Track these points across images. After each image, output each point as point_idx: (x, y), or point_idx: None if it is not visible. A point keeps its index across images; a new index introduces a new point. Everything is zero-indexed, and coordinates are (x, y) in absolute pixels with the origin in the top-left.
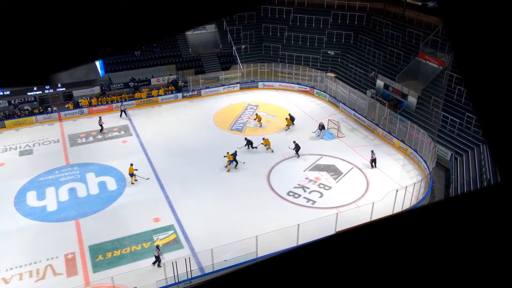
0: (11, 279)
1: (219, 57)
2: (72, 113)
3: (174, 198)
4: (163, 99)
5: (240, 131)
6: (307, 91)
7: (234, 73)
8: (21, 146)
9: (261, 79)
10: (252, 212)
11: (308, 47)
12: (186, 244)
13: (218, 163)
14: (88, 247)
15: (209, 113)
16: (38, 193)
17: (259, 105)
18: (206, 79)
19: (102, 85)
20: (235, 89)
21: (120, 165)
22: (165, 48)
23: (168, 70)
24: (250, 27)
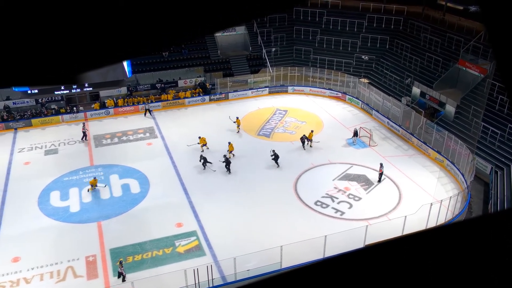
0: (32, 279)
1: (248, 60)
2: (98, 113)
3: (197, 203)
4: (190, 102)
5: (268, 136)
6: (338, 97)
7: (263, 76)
8: (47, 145)
9: (291, 83)
10: (277, 221)
11: (341, 51)
12: (209, 251)
13: (244, 169)
14: (109, 250)
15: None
16: (61, 193)
17: (288, 110)
18: (234, 82)
19: (129, 86)
20: (263, 93)
21: (144, 167)
22: (193, 49)
23: (196, 72)
24: (281, 29)
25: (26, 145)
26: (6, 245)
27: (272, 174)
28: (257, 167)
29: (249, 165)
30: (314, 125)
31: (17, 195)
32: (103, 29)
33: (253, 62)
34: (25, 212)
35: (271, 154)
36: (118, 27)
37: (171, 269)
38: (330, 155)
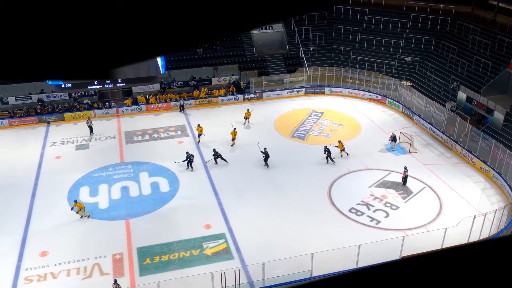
0: (59, 274)
1: (285, 59)
2: (130, 109)
3: (227, 205)
4: (223, 100)
5: (302, 139)
6: (378, 100)
7: (300, 76)
8: (78, 140)
9: (328, 84)
10: (309, 227)
11: (382, 52)
12: (237, 255)
13: (277, 171)
14: (137, 249)
15: (271, 118)
16: (91, 189)
17: (324, 112)
18: (269, 82)
19: (162, 83)
20: (299, 93)
21: (175, 166)
22: (228, 46)
23: (231, 70)
24: (320, 28)
25: (58, 139)
26: (35, 239)
27: (306, 178)
28: (290, 170)
29: (282, 168)
30: (351, 129)
31: (47, 189)
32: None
33: (290, 61)
34: (54, 207)
35: (262, 151)
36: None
37: (198, 271)
38: (367, 161)
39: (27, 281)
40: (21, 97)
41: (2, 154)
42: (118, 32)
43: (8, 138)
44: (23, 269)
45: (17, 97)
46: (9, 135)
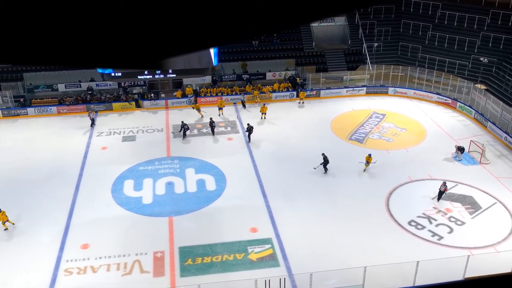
0: (99, 268)
1: (346, 55)
2: (179, 102)
3: (275, 208)
4: (277, 97)
5: (361, 142)
6: (447, 104)
7: (362, 74)
8: (125, 131)
9: (392, 84)
10: (363, 238)
11: (455, 51)
12: (283, 262)
13: (331, 176)
14: (179, 249)
15: (327, 118)
16: (135, 183)
17: (386, 114)
18: (328, 79)
19: (214, 75)
20: (360, 93)
21: (222, 164)
22: (286, 39)
23: (287, 64)
24: (386, 22)
25: (105, 129)
26: (77, 231)
27: (362, 185)
28: (346, 175)
29: (337, 172)
30: (415, 134)
31: (92, 180)
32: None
33: (351, 57)
34: (98, 199)
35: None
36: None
37: (241, 276)
38: (431, 170)
39: (67, 273)
40: (71, 84)
41: (50, 142)
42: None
43: (56, 126)
44: (64, 261)
45: (66, 84)
46: (57, 122)
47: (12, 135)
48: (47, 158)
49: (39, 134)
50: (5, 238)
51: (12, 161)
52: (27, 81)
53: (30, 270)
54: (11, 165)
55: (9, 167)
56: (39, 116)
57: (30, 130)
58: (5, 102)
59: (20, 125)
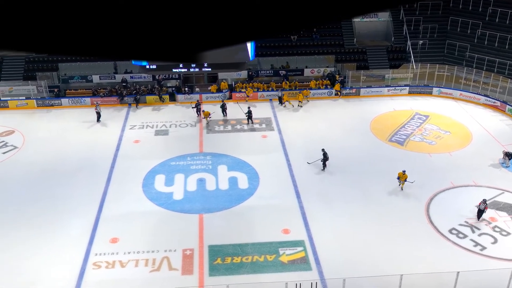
0: (127, 263)
1: (389, 52)
2: (214, 96)
3: (309, 210)
4: (315, 94)
5: (401, 144)
6: (496, 107)
7: (405, 73)
8: (158, 125)
9: (437, 84)
10: (400, 245)
11: (506, 51)
12: (315, 266)
13: (368, 178)
14: (208, 247)
15: (367, 118)
16: (167, 178)
17: (429, 116)
18: (368, 77)
19: (250, 70)
20: (402, 92)
21: (256, 162)
22: (326, 35)
23: (326, 60)
24: (433, 19)
25: (137, 122)
26: (107, 224)
27: (404, 187)
28: (385, 178)
29: (375, 175)
30: (460, 137)
31: (123, 174)
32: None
33: (394, 55)
34: (128, 193)
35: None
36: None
37: (271, 278)
38: (475, 176)
39: (96, 267)
40: (105, 76)
41: (82, 133)
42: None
43: (89, 118)
44: (93, 254)
45: (101, 76)
46: (91, 114)
47: (45, 126)
48: (79, 149)
49: (72, 125)
50: (36, 228)
51: (45, 152)
52: (62, 72)
53: (59, 262)
54: (44, 155)
55: (42, 158)
56: (73, 107)
57: (63, 121)
58: (40, 92)
59: (54, 116)
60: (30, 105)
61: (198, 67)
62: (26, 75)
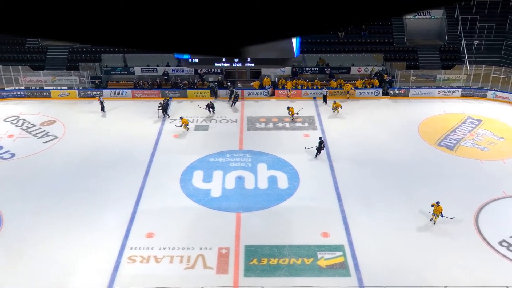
0: (162, 259)
1: (441, 52)
2: (256, 93)
3: (350, 214)
4: (361, 93)
5: (451, 149)
6: None
7: (458, 74)
8: (198, 120)
9: (492, 87)
10: (445, 254)
11: None
12: (354, 272)
13: (415, 183)
14: (244, 247)
15: (415, 120)
16: (205, 174)
17: (482, 120)
18: (418, 77)
19: (294, 67)
20: (454, 94)
21: (297, 161)
22: (375, 32)
23: (374, 59)
24: (491, 18)
25: (178, 116)
26: (143, 218)
27: (450, 196)
28: (432, 184)
29: (422, 180)
30: None
31: (161, 168)
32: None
33: (447, 55)
34: (166, 188)
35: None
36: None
37: (307, 283)
38: None
39: (130, 261)
40: (147, 68)
41: (122, 126)
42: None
43: (130, 110)
44: (128, 248)
45: (143, 68)
46: (131, 106)
47: (86, 116)
48: (118, 142)
49: (112, 117)
50: (74, 219)
51: (84, 143)
52: (105, 63)
53: (95, 254)
54: (83, 146)
55: (81, 149)
56: (114, 99)
57: (104, 113)
58: (82, 82)
59: (95, 107)
60: (72, 95)
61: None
62: (69, 65)
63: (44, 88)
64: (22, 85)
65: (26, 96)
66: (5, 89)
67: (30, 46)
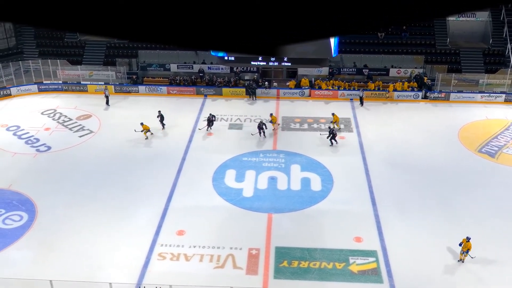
0: (192, 257)
1: (485, 55)
2: (291, 92)
3: (385, 219)
4: (400, 96)
5: (492, 156)
6: None
7: (502, 79)
8: (232, 118)
9: None
10: (484, 268)
11: None
12: (387, 279)
13: (452, 191)
14: (275, 248)
15: (455, 125)
16: (237, 173)
17: None
18: (460, 81)
19: (331, 67)
20: (497, 100)
21: (331, 163)
22: (416, 33)
23: (414, 61)
24: None
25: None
26: (175, 216)
27: (491, 206)
28: (471, 192)
29: (460, 188)
30: None
31: (194, 166)
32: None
33: (491, 58)
34: (198, 186)
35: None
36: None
37: (339, 287)
38: None
39: (160, 258)
40: (183, 65)
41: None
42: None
43: (164, 106)
44: (159, 244)
45: (179, 65)
46: (166, 103)
47: (121, 112)
48: (152, 138)
49: (147, 113)
50: (106, 214)
51: (119, 138)
52: (141, 59)
53: (125, 249)
54: (118, 141)
55: (116, 144)
56: (149, 95)
57: (139, 108)
58: (119, 78)
59: (130, 103)
60: (108, 90)
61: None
62: (106, 61)
63: (81, 83)
64: (60, 79)
65: (64, 90)
66: (43, 83)
67: (69, 40)
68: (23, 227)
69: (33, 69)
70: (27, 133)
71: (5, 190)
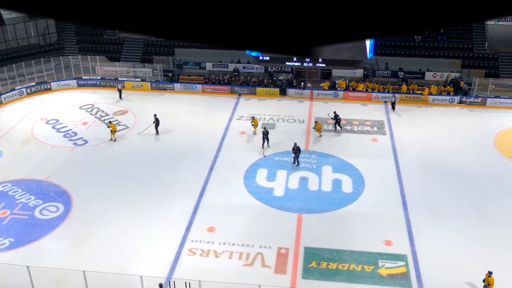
0: (221, 254)
1: None
2: (325, 93)
3: (415, 223)
4: (435, 100)
5: None
6: None
7: None
8: (265, 117)
9: None
10: None
11: None
12: (416, 284)
13: (487, 197)
14: (304, 248)
15: (491, 130)
16: (269, 172)
17: None
18: (497, 86)
19: (366, 69)
20: None
21: (363, 166)
22: (453, 37)
23: (451, 65)
24: None
25: (245, 113)
26: (206, 212)
27: None
28: (505, 199)
29: (495, 195)
30: None
31: (226, 164)
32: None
33: None
34: (229, 184)
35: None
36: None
37: None
38: None
39: (191, 253)
40: (218, 64)
41: (191, 120)
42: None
43: (199, 104)
44: (189, 240)
45: (214, 64)
46: (200, 101)
47: (156, 109)
48: (186, 135)
49: (182, 110)
50: (138, 208)
51: (153, 134)
52: (178, 57)
53: (156, 244)
54: (152, 138)
55: (150, 139)
56: (184, 93)
57: (174, 106)
58: (155, 75)
59: (165, 100)
60: (144, 87)
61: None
62: (143, 58)
63: (118, 79)
64: (98, 75)
65: (101, 86)
66: (82, 78)
67: (108, 37)
68: (59, 218)
69: (73, 64)
70: (65, 127)
71: (42, 182)
